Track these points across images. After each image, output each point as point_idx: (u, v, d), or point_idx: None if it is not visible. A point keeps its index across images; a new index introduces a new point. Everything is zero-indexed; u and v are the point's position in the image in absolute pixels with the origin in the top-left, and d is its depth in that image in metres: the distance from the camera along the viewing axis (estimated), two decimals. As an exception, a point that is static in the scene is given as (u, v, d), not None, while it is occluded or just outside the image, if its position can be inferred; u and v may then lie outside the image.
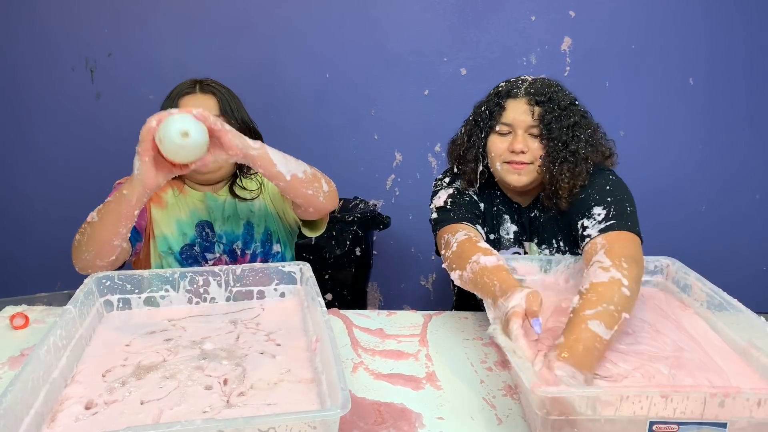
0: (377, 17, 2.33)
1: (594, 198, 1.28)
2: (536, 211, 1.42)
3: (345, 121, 2.42)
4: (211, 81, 1.45)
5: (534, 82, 1.34)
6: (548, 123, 1.29)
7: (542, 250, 1.41)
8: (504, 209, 1.44)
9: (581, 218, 1.27)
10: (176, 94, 1.41)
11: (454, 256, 1.24)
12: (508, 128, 1.32)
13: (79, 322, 1.10)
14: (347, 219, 2.05)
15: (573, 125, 1.30)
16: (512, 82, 1.36)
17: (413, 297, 2.62)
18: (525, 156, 1.30)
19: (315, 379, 0.99)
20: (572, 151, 1.29)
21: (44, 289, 2.51)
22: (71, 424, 0.88)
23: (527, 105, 1.30)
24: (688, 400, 0.81)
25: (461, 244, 1.25)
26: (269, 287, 1.33)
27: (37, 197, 2.49)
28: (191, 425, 0.74)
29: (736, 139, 2.43)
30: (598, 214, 1.24)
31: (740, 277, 2.30)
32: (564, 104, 1.30)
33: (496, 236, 1.44)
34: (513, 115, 1.31)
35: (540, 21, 2.32)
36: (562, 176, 1.29)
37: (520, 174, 1.32)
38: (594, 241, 1.21)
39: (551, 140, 1.29)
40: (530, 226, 1.43)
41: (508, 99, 1.33)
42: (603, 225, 1.22)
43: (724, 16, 2.31)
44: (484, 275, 1.13)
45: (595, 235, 1.21)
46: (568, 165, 1.28)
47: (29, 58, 2.35)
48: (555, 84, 1.35)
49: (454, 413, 1.02)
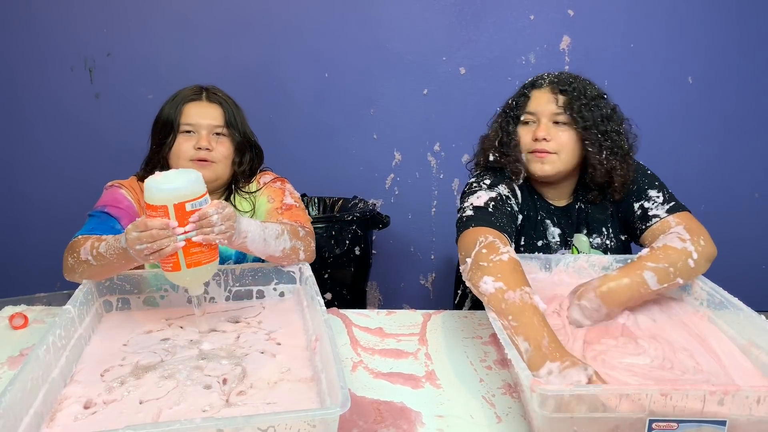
0: (376, 17, 2.33)
1: (643, 182, 1.38)
2: (580, 203, 1.44)
3: (344, 121, 2.42)
4: (217, 90, 1.44)
5: (559, 74, 1.38)
6: (578, 111, 1.31)
7: (593, 239, 1.43)
8: (545, 214, 1.44)
9: (638, 201, 1.37)
10: (181, 100, 1.39)
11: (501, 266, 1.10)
12: (532, 117, 1.36)
13: (78, 322, 1.10)
14: (347, 218, 2.05)
15: (609, 117, 1.34)
16: (540, 76, 1.40)
17: (412, 296, 2.62)
18: (548, 144, 1.32)
19: (315, 378, 0.99)
20: (617, 143, 1.34)
21: (43, 290, 2.51)
22: (70, 424, 0.88)
23: (551, 93, 1.34)
24: (688, 398, 0.81)
25: (512, 261, 1.11)
26: (268, 287, 1.33)
27: (36, 197, 2.49)
28: (191, 424, 0.74)
29: (736, 137, 2.44)
30: (656, 196, 1.35)
31: (740, 275, 2.29)
32: (592, 94, 1.34)
33: (544, 242, 1.43)
34: (537, 103, 1.35)
35: (539, 20, 2.32)
36: (616, 171, 1.34)
37: (543, 163, 1.34)
38: (666, 220, 1.31)
39: (587, 129, 1.32)
40: (577, 218, 1.44)
41: (532, 89, 1.37)
42: (667, 206, 1.33)
43: (723, 14, 2.32)
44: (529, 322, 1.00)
45: (664, 215, 1.32)
46: (620, 160, 1.34)
47: (28, 57, 2.35)
48: (582, 77, 1.39)
49: (453, 412, 1.01)
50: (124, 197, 1.37)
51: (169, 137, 1.37)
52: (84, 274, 1.20)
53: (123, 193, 1.38)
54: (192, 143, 1.37)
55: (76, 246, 1.20)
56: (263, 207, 1.46)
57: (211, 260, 1.09)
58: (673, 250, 1.19)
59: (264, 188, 1.48)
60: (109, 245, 1.12)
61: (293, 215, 1.40)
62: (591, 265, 1.34)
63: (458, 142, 2.42)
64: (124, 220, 1.32)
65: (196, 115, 1.38)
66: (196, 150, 1.36)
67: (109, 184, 1.42)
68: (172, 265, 1.05)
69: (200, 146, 1.36)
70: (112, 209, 1.33)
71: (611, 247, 1.43)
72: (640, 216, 1.36)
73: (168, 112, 1.38)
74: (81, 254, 1.17)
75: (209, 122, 1.38)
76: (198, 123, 1.37)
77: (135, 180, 1.44)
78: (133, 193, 1.40)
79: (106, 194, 1.39)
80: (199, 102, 1.39)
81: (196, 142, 1.36)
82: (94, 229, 1.26)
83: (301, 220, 1.39)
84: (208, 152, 1.36)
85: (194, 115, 1.38)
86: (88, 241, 1.18)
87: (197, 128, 1.37)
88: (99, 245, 1.14)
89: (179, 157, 1.37)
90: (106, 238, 1.16)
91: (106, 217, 1.31)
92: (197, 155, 1.36)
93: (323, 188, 2.36)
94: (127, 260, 1.11)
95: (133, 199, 1.39)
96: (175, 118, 1.37)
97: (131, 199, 1.38)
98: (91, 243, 1.16)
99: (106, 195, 1.39)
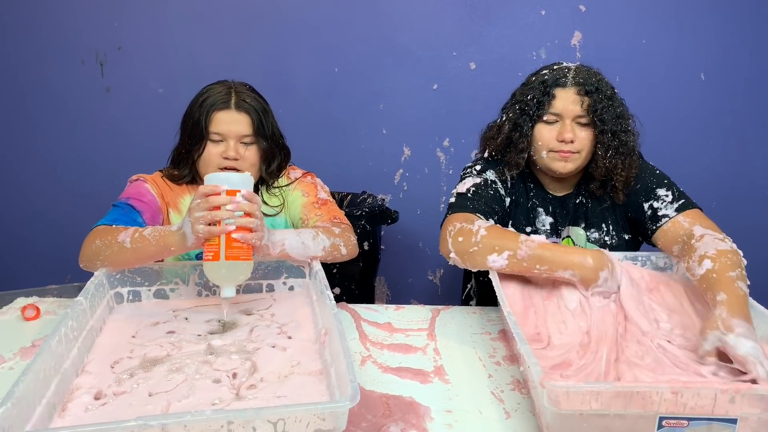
0: (386, 11, 2.32)
1: (652, 181, 1.37)
2: (581, 197, 1.44)
3: (353, 116, 2.42)
4: (245, 93, 1.40)
5: (579, 71, 1.35)
6: (600, 114, 1.32)
7: (591, 233, 1.43)
8: (538, 202, 1.45)
9: (647, 201, 1.35)
10: (210, 106, 1.36)
11: (489, 239, 1.20)
12: (555, 117, 1.35)
13: (90, 314, 1.11)
14: (355, 213, 2.05)
15: (620, 115, 1.34)
16: (557, 71, 1.37)
17: (421, 292, 2.62)
18: (573, 145, 1.33)
19: (324, 371, 0.99)
20: (624, 143, 1.34)
21: (54, 282, 2.53)
22: (81, 414, 0.89)
23: (576, 95, 1.32)
24: (699, 396, 0.80)
25: (493, 229, 1.23)
26: (278, 281, 1.34)
27: (47, 190, 2.51)
28: (201, 416, 0.74)
29: (748, 135, 2.41)
30: (665, 195, 1.33)
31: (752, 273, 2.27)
32: (609, 93, 1.34)
33: (533, 228, 1.45)
34: (563, 104, 1.33)
35: (550, 15, 2.30)
36: (617, 170, 1.34)
37: (567, 161, 1.35)
38: (676, 220, 1.29)
39: (604, 132, 1.32)
40: (575, 211, 1.44)
41: (556, 88, 1.34)
42: (676, 204, 1.31)
43: (736, 10, 2.29)
44: (552, 248, 1.18)
45: (674, 214, 1.30)
46: (622, 158, 1.34)
47: (39, 51, 2.36)
48: (597, 72, 1.37)
49: (462, 407, 1.02)
50: (148, 191, 1.39)
51: (199, 144, 1.38)
52: (109, 258, 1.21)
53: (147, 188, 1.39)
54: (220, 150, 1.37)
55: (107, 232, 1.22)
56: (298, 201, 1.48)
57: (248, 259, 1.14)
58: (730, 252, 1.13)
59: (296, 183, 1.51)
60: (155, 229, 1.18)
61: (330, 210, 1.44)
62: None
63: (468, 138, 2.41)
64: (146, 214, 1.34)
65: (224, 123, 1.37)
66: (223, 159, 1.37)
67: (134, 177, 1.43)
68: (213, 254, 1.11)
69: (228, 156, 1.36)
70: (136, 202, 1.34)
71: (610, 244, 1.42)
72: (651, 216, 1.34)
73: (198, 116, 1.37)
74: (119, 237, 1.19)
75: (237, 132, 1.37)
76: (226, 132, 1.37)
77: (159, 176, 1.45)
78: (157, 188, 1.41)
79: (130, 187, 1.40)
80: (227, 111, 1.37)
81: (224, 150, 1.37)
82: (117, 220, 1.28)
83: (338, 215, 1.43)
84: (236, 161, 1.37)
85: (223, 124, 1.36)
86: (128, 228, 1.21)
87: (225, 137, 1.37)
88: (144, 230, 1.19)
89: (208, 164, 1.38)
90: (154, 226, 1.21)
91: (129, 209, 1.32)
92: (225, 164, 1.37)
93: (332, 183, 2.33)
94: (166, 245, 1.15)
95: (156, 194, 1.40)
96: (206, 125, 1.36)
97: (154, 193, 1.39)
98: (134, 229, 1.20)
99: (130, 188, 1.40)
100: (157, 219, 1.38)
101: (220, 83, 1.42)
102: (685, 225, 1.27)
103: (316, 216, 1.42)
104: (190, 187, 1.46)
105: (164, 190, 1.43)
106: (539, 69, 1.42)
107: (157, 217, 1.39)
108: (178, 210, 1.44)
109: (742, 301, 1.02)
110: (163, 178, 1.45)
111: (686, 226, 1.27)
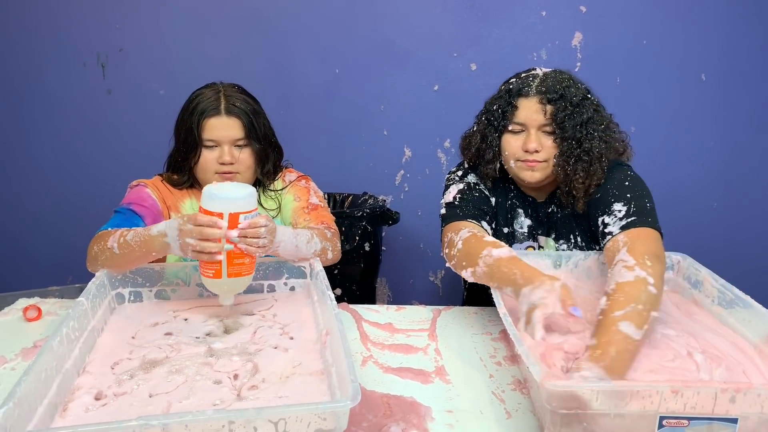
0: (387, 13, 2.32)
1: (613, 194, 1.27)
2: (553, 206, 1.42)
3: (354, 117, 2.42)
4: (234, 97, 1.39)
5: (545, 78, 1.31)
6: (561, 121, 1.27)
7: (560, 245, 1.41)
8: (518, 203, 1.44)
9: (601, 215, 1.27)
10: (200, 113, 1.36)
11: (461, 255, 1.23)
12: (520, 127, 1.32)
13: (92, 315, 1.11)
14: (356, 214, 2.05)
15: (586, 122, 1.28)
16: (523, 79, 1.34)
17: (422, 292, 2.62)
18: (539, 154, 1.30)
19: (325, 372, 0.99)
20: (586, 150, 1.28)
21: (56, 283, 2.54)
22: (82, 414, 0.89)
23: (539, 104, 1.29)
24: (699, 395, 0.80)
25: (467, 242, 1.24)
26: (279, 281, 1.34)
27: (49, 192, 2.51)
28: (202, 415, 0.75)
29: (749, 135, 2.41)
30: (618, 210, 1.24)
31: (752, 273, 2.28)
32: (576, 100, 1.28)
33: (510, 230, 1.44)
34: (525, 114, 1.30)
35: (550, 16, 2.31)
36: (576, 176, 1.29)
37: (534, 170, 1.32)
38: (615, 239, 1.20)
39: (565, 139, 1.28)
40: (547, 220, 1.42)
41: (519, 98, 1.31)
42: (624, 222, 1.21)
43: (737, 11, 2.29)
44: (501, 266, 1.14)
45: (617, 232, 1.21)
46: (582, 165, 1.28)
47: (40, 53, 2.37)
48: (566, 78, 1.33)
49: (463, 407, 1.02)
50: (149, 196, 1.40)
51: (194, 151, 1.38)
52: (105, 263, 1.23)
53: (148, 192, 1.40)
54: (215, 156, 1.37)
55: (103, 236, 1.24)
56: (290, 205, 1.49)
57: (250, 273, 1.15)
58: (628, 286, 1.04)
59: (290, 186, 1.51)
60: (136, 233, 1.17)
61: (319, 215, 1.44)
62: (601, 263, 1.33)
63: (468, 139, 2.42)
64: (148, 219, 1.34)
65: (216, 129, 1.37)
66: (220, 164, 1.37)
67: (135, 182, 1.44)
68: (214, 272, 1.11)
69: (223, 161, 1.37)
70: (137, 207, 1.35)
71: None
72: (601, 232, 1.26)
73: (190, 124, 1.36)
74: (108, 242, 1.20)
75: (230, 136, 1.37)
76: (219, 138, 1.37)
77: (159, 180, 1.46)
78: (158, 192, 1.42)
79: (131, 192, 1.41)
80: (218, 117, 1.36)
81: (219, 156, 1.37)
82: (120, 225, 1.29)
83: (326, 220, 1.44)
84: (232, 165, 1.38)
85: (215, 130, 1.37)
86: (118, 231, 1.22)
87: (219, 142, 1.37)
88: (127, 234, 1.19)
89: (205, 170, 1.39)
90: (135, 229, 1.20)
91: (131, 214, 1.33)
92: (222, 169, 1.38)
93: (333, 184, 2.36)
94: (149, 251, 1.15)
95: (157, 198, 1.40)
96: (198, 133, 1.36)
97: (155, 198, 1.40)
98: (120, 233, 1.20)
99: (131, 193, 1.41)
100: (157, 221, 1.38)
101: (208, 87, 1.41)
102: (619, 245, 1.17)
103: (304, 221, 1.43)
104: (191, 191, 1.46)
105: (165, 194, 1.43)
106: (510, 77, 1.39)
107: (159, 221, 1.37)
108: (180, 213, 1.44)
109: (611, 348, 0.94)
110: (163, 182, 1.45)
111: (619, 246, 1.17)
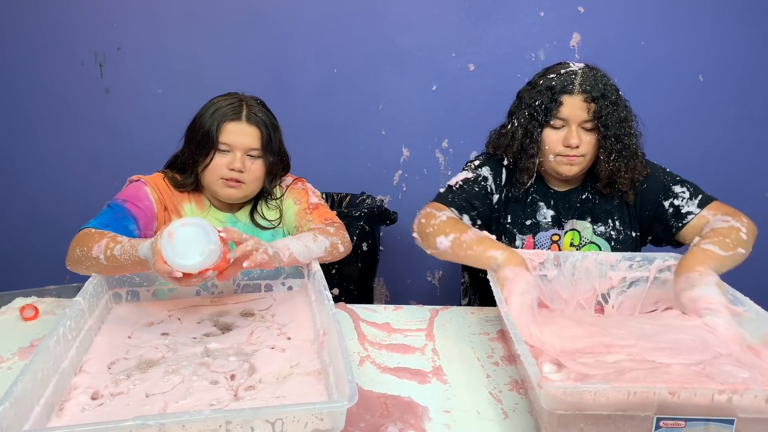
0: (385, 12, 2.32)
1: (666, 179, 1.44)
2: (587, 193, 1.49)
3: (352, 117, 2.42)
4: (256, 107, 1.39)
5: (585, 76, 1.37)
6: (604, 119, 1.35)
7: (597, 226, 1.47)
8: (538, 196, 1.49)
9: (666, 199, 1.42)
10: (221, 117, 1.35)
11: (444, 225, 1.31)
12: (562, 122, 1.38)
13: (89, 314, 1.11)
14: (354, 214, 2.05)
15: (624, 119, 1.37)
16: (564, 76, 1.38)
17: (419, 292, 2.62)
18: (578, 149, 1.37)
19: (322, 372, 0.99)
20: (627, 146, 1.38)
21: (53, 282, 2.53)
22: (78, 414, 0.89)
23: (583, 102, 1.35)
24: (696, 396, 0.81)
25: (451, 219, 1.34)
26: (277, 281, 1.34)
27: (45, 191, 2.51)
28: (199, 415, 0.74)
29: (746, 136, 2.41)
30: (683, 192, 1.41)
31: (750, 274, 2.28)
32: (614, 98, 1.36)
33: (533, 221, 1.48)
34: (569, 111, 1.36)
35: (549, 17, 2.31)
36: (620, 172, 1.39)
37: (573, 165, 1.39)
38: (701, 215, 1.38)
39: (607, 137, 1.36)
40: (581, 207, 1.48)
41: (563, 94, 1.36)
42: (697, 200, 1.39)
43: (734, 12, 2.29)
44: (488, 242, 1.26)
45: (698, 210, 1.38)
46: (625, 161, 1.38)
47: (38, 52, 2.36)
48: (603, 75, 1.39)
49: (460, 407, 1.02)
50: (147, 195, 1.37)
51: (207, 154, 1.36)
52: (91, 268, 1.20)
53: (146, 191, 1.37)
54: (227, 161, 1.36)
55: (87, 239, 1.20)
56: (291, 209, 1.48)
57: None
58: (721, 229, 1.28)
59: (288, 191, 1.51)
60: (124, 250, 1.13)
61: (321, 213, 1.45)
62: (599, 264, 1.34)
63: (466, 139, 2.41)
64: (140, 221, 1.32)
65: (234, 134, 1.35)
66: (229, 170, 1.36)
67: (135, 177, 1.41)
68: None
69: (233, 167, 1.35)
70: (132, 206, 1.32)
71: (616, 239, 1.46)
72: (674, 214, 1.40)
73: (209, 126, 1.35)
74: (93, 251, 1.17)
75: (246, 144, 1.36)
76: (235, 143, 1.35)
77: (161, 177, 1.42)
78: (157, 192, 1.39)
79: (129, 188, 1.38)
80: (238, 123, 1.35)
81: (230, 162, 1.35)
82: (108, 226, 1.25)
83: (329, 216, 1.45)
84: (241, 174, 1.36)
85: (232, 135, 1.35)
86: (103, 238, 1.18)
87: (233, 148, 1.36)
88: (114, 247, 1.14)
89: (213, 173, 1.37)
90: (121, 240, 1.15)
91: (123, 213, 1.30)
92: (229, 175, 1.36)
93: (331, 184, 2.36)
94: (142, 266, 1.13)
95: (154, 199, 1.37)
96: (216, 135, 1.35)
97: (152, 198, 1.37)
98: (106, 243, 1.16)
99: (129, 189, 1.38)
100: (150, 227, 1.35)
101: (230, 95, 1.40)
102: (708, 218, 1.36)
103: (308, 221, 1.43)
104: (192, 195, 1.45)
105: (165, 194, 1.40)
106: (545, 71, 1.43)
107: (151, 225, 1.36)
108: (179, 215, 1.42)
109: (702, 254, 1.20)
110: (165, 179, 1.42)
111: (708, 219, 1.36)
